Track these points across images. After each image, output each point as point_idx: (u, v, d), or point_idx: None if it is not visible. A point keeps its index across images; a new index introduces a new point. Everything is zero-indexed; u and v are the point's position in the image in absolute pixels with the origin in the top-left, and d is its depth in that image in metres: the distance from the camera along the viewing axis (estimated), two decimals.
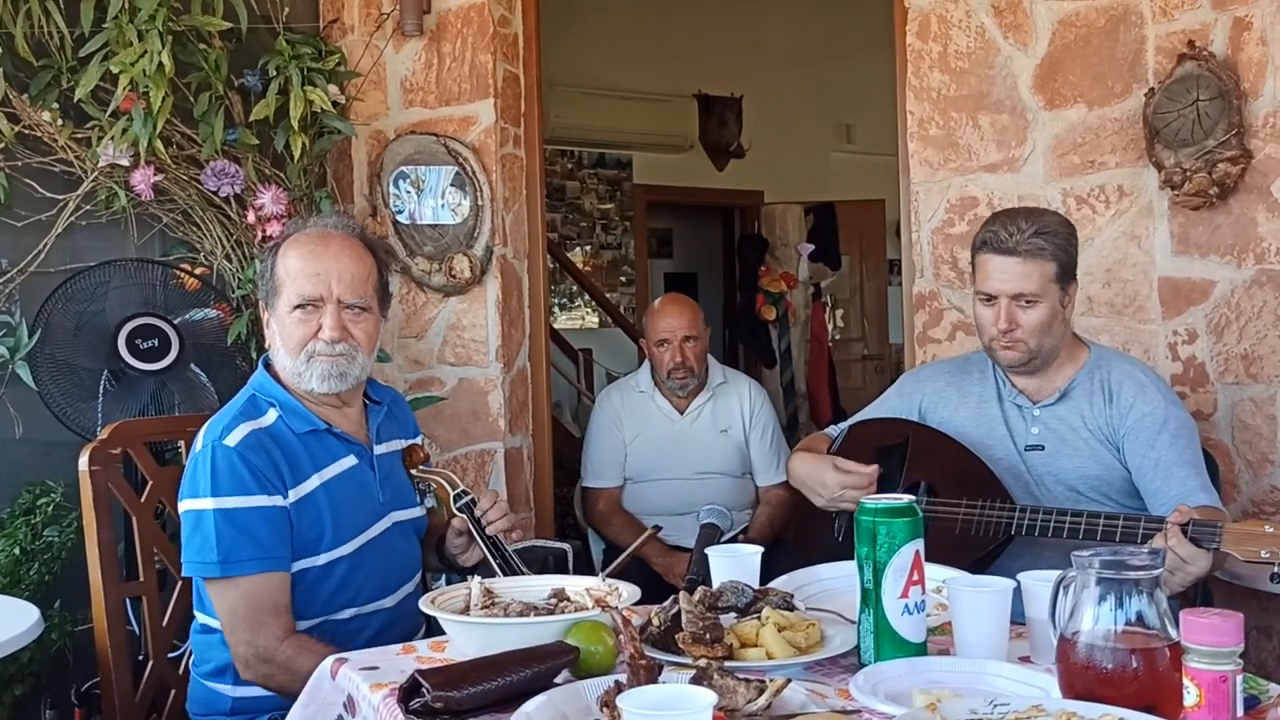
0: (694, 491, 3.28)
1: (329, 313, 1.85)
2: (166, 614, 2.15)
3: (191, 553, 1.79)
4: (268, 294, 1.91)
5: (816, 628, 1.43)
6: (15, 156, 2.77)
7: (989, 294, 2.08)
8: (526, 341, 3.45)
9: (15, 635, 1.84)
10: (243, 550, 1.75)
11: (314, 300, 1.85)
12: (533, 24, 3.42)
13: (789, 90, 7.25)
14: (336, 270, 1.86)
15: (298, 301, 1.85)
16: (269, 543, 1.77)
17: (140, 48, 2.68)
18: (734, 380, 3.47)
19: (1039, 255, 2.04)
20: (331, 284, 1.85)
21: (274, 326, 1.91)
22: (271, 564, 1.77)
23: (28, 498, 2.80)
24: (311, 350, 1.85)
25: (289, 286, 1.86)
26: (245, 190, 2.94)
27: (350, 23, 3.24)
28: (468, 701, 1.22)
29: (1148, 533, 1.86)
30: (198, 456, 1.82)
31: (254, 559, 1.75)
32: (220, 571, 1.75)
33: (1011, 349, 2.09)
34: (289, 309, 1.86)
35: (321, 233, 1.91)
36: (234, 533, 1.75)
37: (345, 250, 1.89)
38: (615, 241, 7.64)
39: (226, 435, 1.81)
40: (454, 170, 3.23)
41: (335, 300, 1.86)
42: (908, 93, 2.93)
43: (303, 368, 1.86)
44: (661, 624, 1.39)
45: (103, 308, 2.73)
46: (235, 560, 1.75)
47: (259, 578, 1.76)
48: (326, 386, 1.87)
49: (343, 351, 1.86)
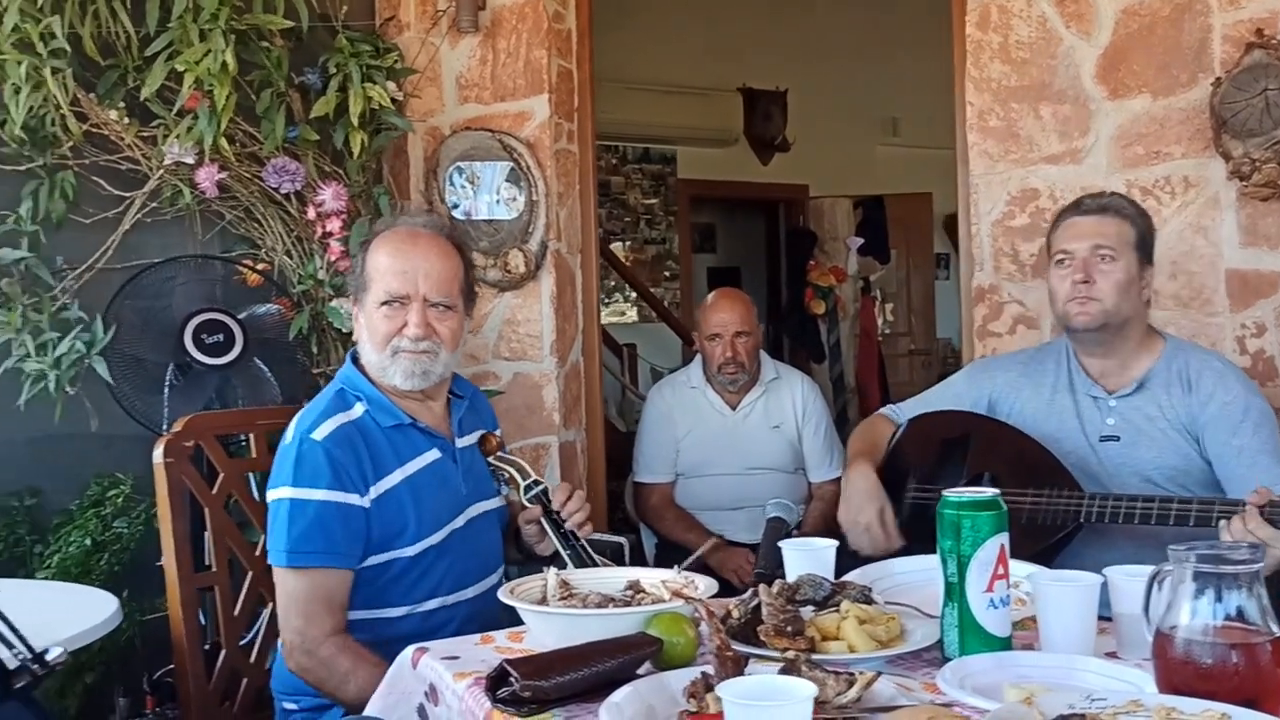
0: (746, 487, 3.28)
1: (414, 310, 1.88)
2: (238, 604, 2.19)
3: (270, 541, 1.83)
4: (357, 289, 1.95)
5: (897, 621, 1.43)
6: (83, 155, 2.80)
7: (1065, 250, 2.09)
8: (579, 336, 3.46)
9: (97, 624, 1.88)
10: (312, 543, 1.79)
11: (400, 297, 1.89)
12: (586, 19, 3.43)
13: (834, 84, 7.21)
14: (424, 268, 1.89)
15: (385, 298, 1.89)
16: (339, 539, 1.81)
17: (204, 47, 2.71)
18: (786, 375, 3.46)
19: (1119, 213, 2.10)
20: (418, 282, 1.89)
21: (362, 321, 1.95)
22: (337, 560, 1.81)
23: (96, 490, 2.85)
24: (396, 346, 1.89)
25: (377, 283, 1.90)
26: (305, 187, 2.97)
27: (406, 20, 3.27)
28: (554, 691, 1.23)
29: (1223, 515, 1.83)
30: (286, 448, 1.87)
31: (321, 553, 1.79)
32: (286, 561, 1.80)
33: (1086, 307, 2.07)
34: (376, 305, 1.90)
35: (411, 231, 1.95)
36: (306, 525, 1.79)
37: (433, 249, 1.93)
38: (659, 236, 7.65)
39: (315, 429, 1.85)
40: (509, 166, 3.25)
41: (421, 298, 1.89)
42: (967, 84, 2.91)
43: (387, 363, 1.89)
44: (741, 616, 1.40)
45: (169, 303, 2.77)
46: (302, 551, 1.79)
47: (321, 572, 1.80)
48: (410, 384, 1.90)
49: (426, 348, 1.89)
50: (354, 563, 1.84)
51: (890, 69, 6.96)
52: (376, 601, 1.90)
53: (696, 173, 7.60)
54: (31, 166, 2.76)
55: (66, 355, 2.60)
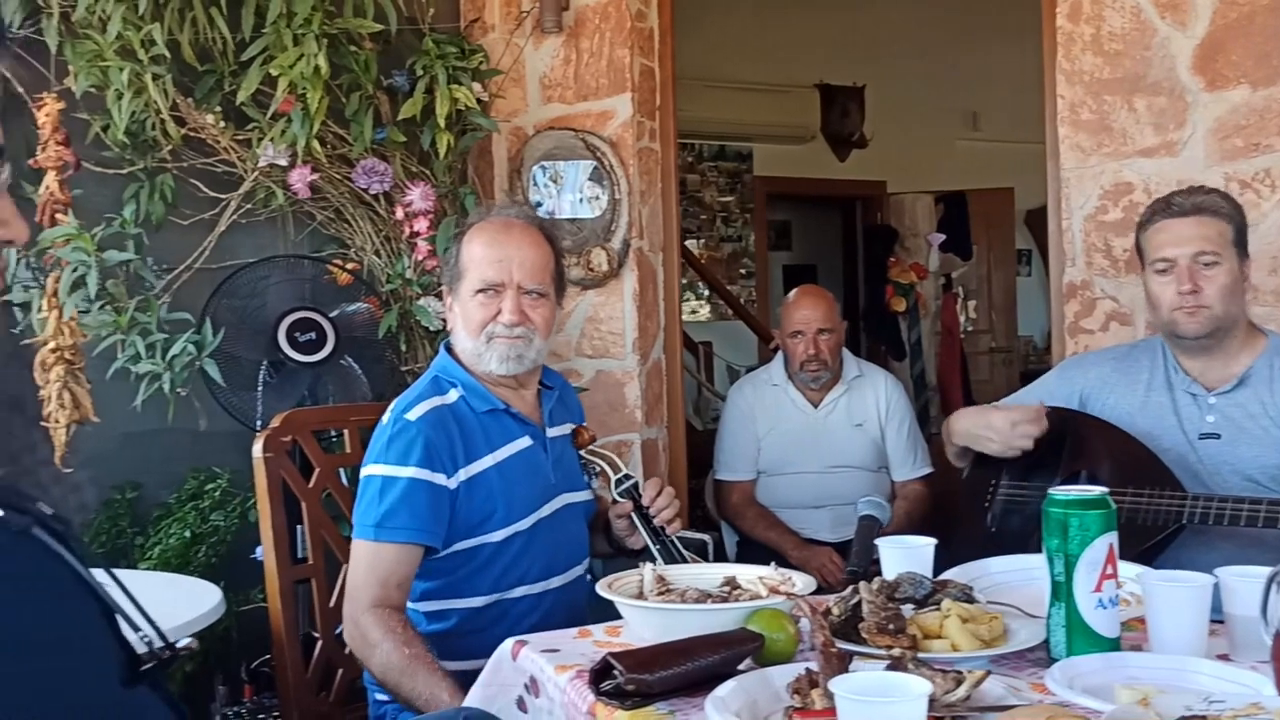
0: (828, 485, 3.26)
1: (509, 297, 1.92)
2: (333, 596, 2.24)
3: (358, 513, 1.88)
4: (452, 279, 1.99)
5: (1000, 621, 1.41)
6: (181, 158, 2.89)
7: (1166, 259, 2.03)
8: (661, 334, 3.47)
9: (203, 614, 1.93)
10: (398, 519, 1.82)
11: (495, 285, 1.93)
12: (668, 17, 3.44)
13: (913, 78, 7.13)
14: (518, 257, 1.94)
15: (480, 286, 1.93)
16: (424, 516, 1.84)
17: (297, 51, 2.77)
18: (869, 373, 3.43)
19: (1215, 213, 2.03)
20: (512, 270, 1.93)
21: (456, 310, 1.99)
22: (417, 536, 1.84)
23: (193, 484, 2.93)
24: (491, 332, 1.93)
25: (472, 271, 1.94)
26: (393, 187, 3.02)
27: (491, 21, 3.30)
28: (658, 685, 1.24)
29: None
30: (383, 427, 1.92)
31: (405, 528, 1.83)
32: (373, 534, 1.83)
33: (1195, 316, 2.02)
34: (471, 293, 1.94)
35: (505, 221, 1.99)
36: (395, 500, 1.83)
37: (526, 238, 1.97)
38: (735, 234, 7.63)
39: (410, 410, 1.89)
40: (592, 164, 3.27)
41: (515, 285, 1.93)
42: (1058, 76, 2.86)
43: (483, 349, 1.93)
44: (842, 614, 1.39)
45: (263, 303, 2.84)
46: (389, 526, 1.83)
47: (394, 546, 1.83)
48: (505, 368, 1.94)
49: (521, 334, 1.93)
50: (435, 540, 1.87)
51: (970, 62, 6.86)
52: (463, 590, 1.93)
53: (773, 170, 7.57)
54: (133, 170, 2.85)
55: (179, 357, 2.67)
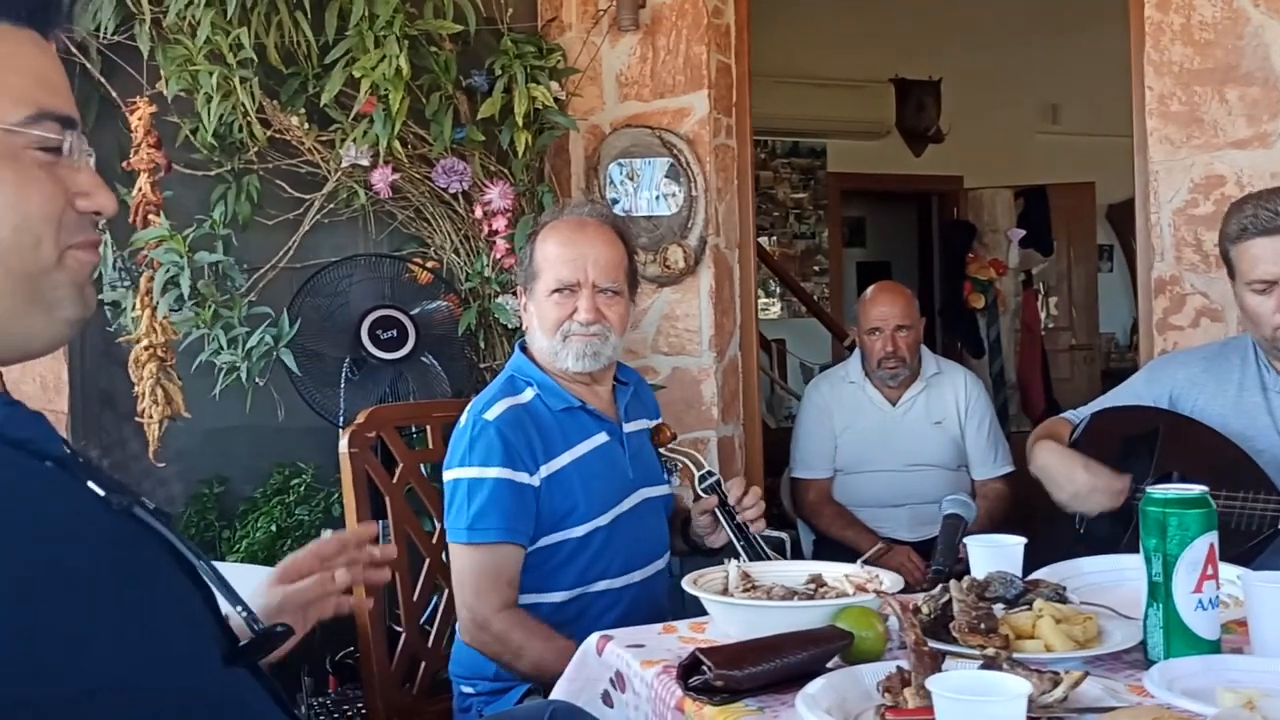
0: (906, 484, 3.23)
1: (584, 296, 1.94)
2: (416, 589, 2.27)
3: (449, 518, 1.90)
4: (527, 279, 2.02)
5: (1094, 621, 1.38)
6: (267, 159, 2.94)
7: (1264, 281, 1.97)
8: (737, 331, 3.46)
9: None
10: (489, 519, 1.85)
11: (570, 284, 1.95)
12: (744, 13, 3.42)
13: (990, 71, 7.02)
14: (592, 256, 1.95)
15: (555, 285, 1.95)
16: (513, 515, 1.86)
17: (379, 53, 2.81)
18: (948, 371, 3.38)
19: None
20: (587, 268, 1.95)
21: (531, 309, 2.01)
22: (511, 536, 1.86)
23: (278, 478, 2.99)
24: (567, 330, 1.95)
25: (547, 271, 1.96)
26: (472, 186, 3.05)
27: (568, 20, 3.32)
28: (747, 681, 1.24)
29: None
30: (461, 430, 1.95)
31: (497, 529, 1.85)
32: (466, 537, 1.86)
33: None
34: (547, 292, 1.96)
35: (578, 220, 2.01)
36: (483, 502, 1.85)
37: (600, 237, 1.98)
38: (808, 231, 7.58)
39: (487, 410, 1.92)
40: (668, 162, 3.27)
41: (590, 284, 1.95)
42: (1146, 67, 2.79)
43: (559, 347, 1.95)
44: (931, 612, 1.38)
45: (346, 301, 2.88)
46: (480, 528, 1.85)
47: (495, 547, 1.86)
48: (581, 365, 1.96)
49: (596, 332, 1.95)
50: (526, 539, 1.90)
51: (1050, 54, 6.73)
52: (545, 585, 1.95)
53: (847, 166, 7.50)
54: (220, 171, 2.91)
55: (256, 348, 2.73)
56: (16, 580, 0.74)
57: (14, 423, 0.84)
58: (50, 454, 0.85)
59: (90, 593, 0.80)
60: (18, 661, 0.72)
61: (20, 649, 0.73)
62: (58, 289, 0.90)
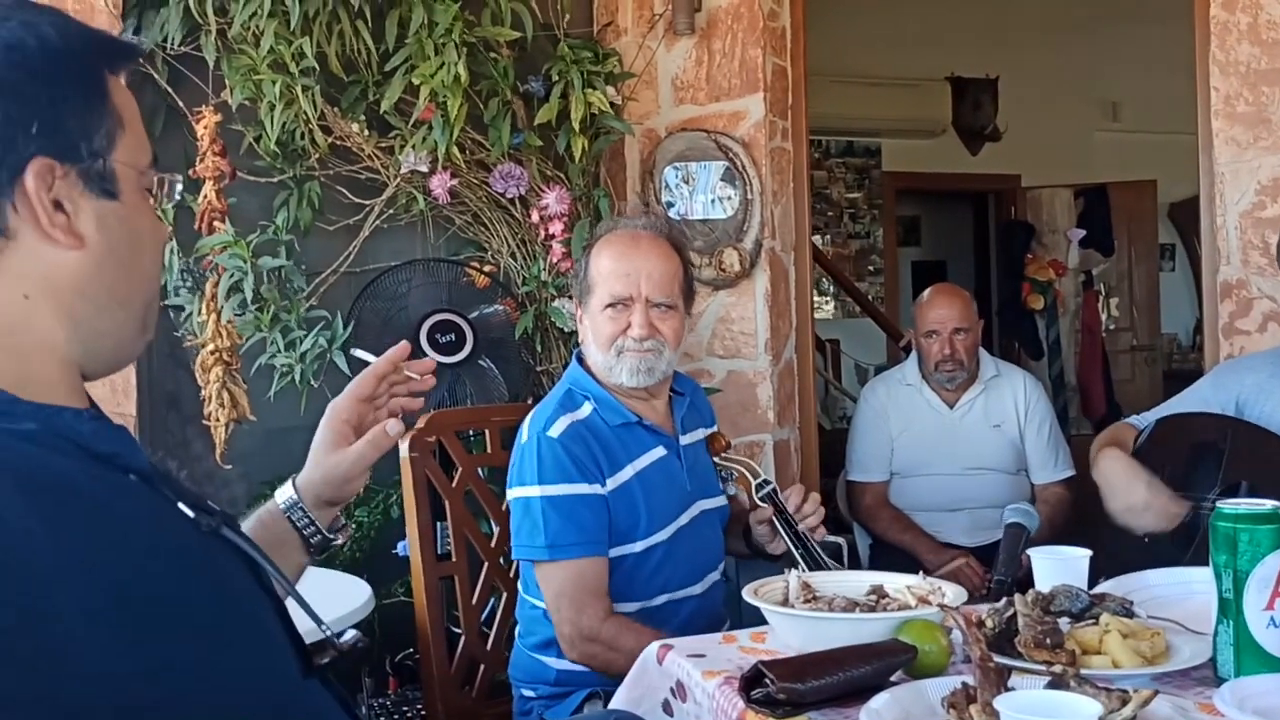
0: (964, 488, 3.19)
1: (638, 311, 1.94)
2: (475, 593, 2.29)
3: (522, 538, 1.90)
4: (582, 293, 2.02)
5: (1161, 637, 1.36)
6: (328, 166, 2.98)
7: None
8: (793, 334, 3.45)
9: (354, 609, 2.00)
10: (568, 535, 1.85)
11: (624, 299, 1.95)
12: (800, 15, 3.41)
13: (1049, 68, 6.92)
14: (645, 270, 1.95)
15: (609, 300, 1.95)
16: (592, 528, 1.87)
17: (438, 60, 2.84)
18: (1007, 373, 3.34)
19: None
20: (641, 283, 1.94)
21: (587, 323, 2.01)
22: (594, 548, 1.87)
23: None
24: (621, 345, 1.95)
25: (601, 286, 1.96)
26: (529, 191, 3.07)
27: (624, 25, 3.33)
28: (810, 694, 1.23)
29: None
30: (525, 447, 1.94)
31: (578, 544, 1.85)
32: (548, 555, 1.86)
33: None
34: (601, 307, 1.96)
35: (632, 234, 2.01)
36: (560, 519, 1.85)
37: (654, 251, 1.98)
38: (863, 230, 7.53)
39: (549, 427, 1.92)
40: (724, 165, 3.27)
41: (644, 299, 1.94)
42: (1212, 67, 2.75)
43: (613, 362, 1.95)
44: (995, 626, 1.37)
45: (405, 304, 2.92)
46: (562, 545, 1.85)
47: (582, 561, 1.86)
48: (635, 380, 1.96)
49: (650, 347, 1.94)
50: (606, 549, 1.90)
51: (1110, 50, 6.62)
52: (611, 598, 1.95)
53: (902, 165, 7.44)
54: (282, 178, 2.96)
55: (310, 350, 2.77)
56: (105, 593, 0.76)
57: (101, 437, 0.86)
58: (135, 468, 0.88)
59: (175, 608, 0.82)
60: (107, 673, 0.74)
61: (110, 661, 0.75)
62: (153, 316, 0.98)
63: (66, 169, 0.86)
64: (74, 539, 0.76)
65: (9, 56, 0.84)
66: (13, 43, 0.84)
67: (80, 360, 0.91)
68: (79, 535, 0.76)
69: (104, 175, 0.89)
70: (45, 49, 0.85)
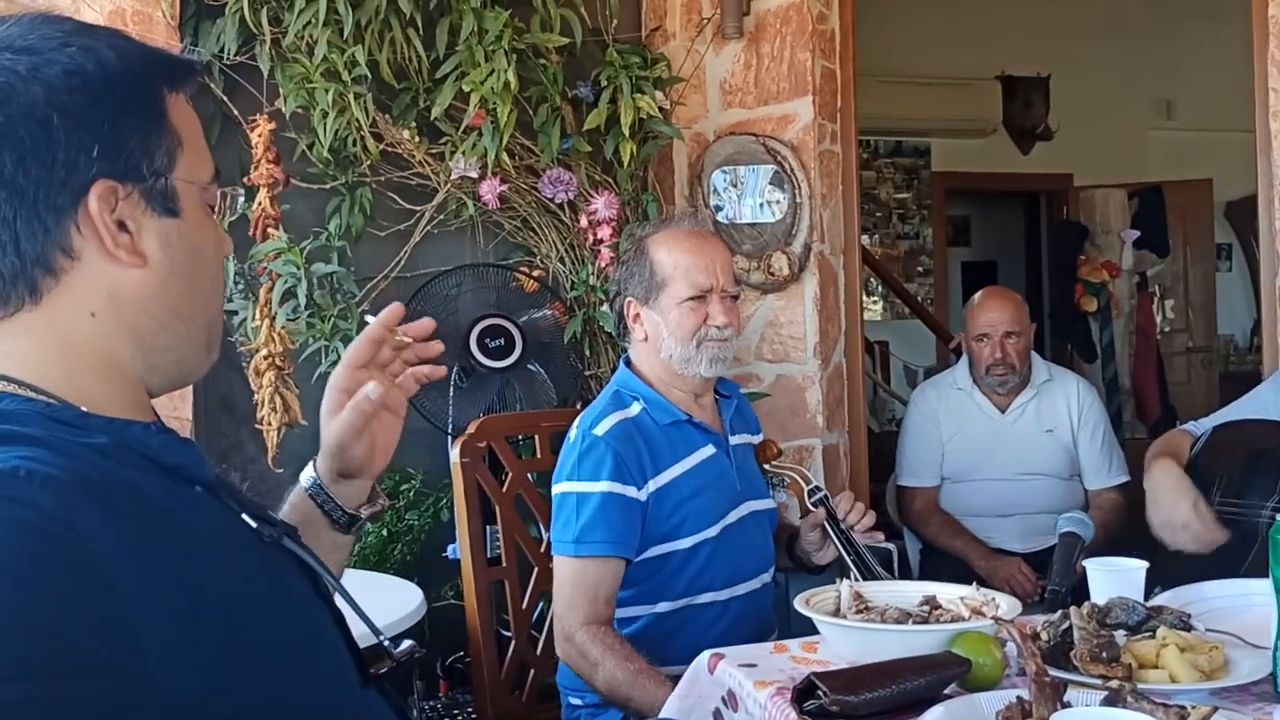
0: (1016, 493, 3.16)
1: (716, 301, 1.98)
2: (525, 597, 2.31)
3: (556, 531, 1.93)
4: (648, 291, 2.01)
5: (1220, 650, 1.34)
6: (379, 172, 3.02)
7: None
8: (842, 337, 3.44)
9: (406, 614, 2.03)
10: (596, 533, 1.87)
11: (706, 290, 1.97)
12: (849, 18, 3.40)
13: (1102, 66, 6.83)
14: (719, 260, 2.00)
15: (692, 293, 1.97)
16: (620, 529, 1.88)
17: (488, 67, 2.86)
18: (1060, 377, 3.30)
19: None
20: (717, 273, 1.98)
21: (656, 320, 2.01)
22: (616, 549, 1.89)
23: (389, 483, 3.06)
24: (703, 336, 1.97)
25: (679, 280, 1.98)
26: (578, 196, 3.09)
27: (672, 29, 3.33)
28: (863, 707, 1.23)
29: None
30: (571, 445, 1.97)
31: (603, 542, 1.87)
32: (573, 550, 1.88)
33: None
34: (679, 300, 1.98)
35: (694, 230, 2.06)
36: (591, 515, 1.88)
37: (718, 242, 2.07)
38: (912, 231, 7.48)
39: (597, 425, 1.95)
40: (772, 169, 3.26)
41: (720, 289, 1.98)
42: (1270, 69, 2.70)
43: (693, 354, 1.98)
44: (1050, 639, 1.35)
45: (455, 309, 2.94)
46: (587, 541, 1.88)
47: (593, 561, 1.88)
48: (713, 370, 2.00)
49: (728, 336, 1.98)
50: (631, 553, 1.92)
51: (1165, 47, 6.53)
52: (651, 596, 1.96)
53: (952, 165, 7.37)
54: (335, 185, 2.99)
55: None
56: (177, 603, 0.78)
57: (169, 450, 0.89)
58: (201, 480, 0.90)
59: (244, 618, 0.83)
60: (180, 684, 0.76)
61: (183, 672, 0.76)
62: (217, 334, 0.99)
63: (129, 189, 0.88)
64: (146, 550, 0.77)
65: (69, 82, 0.85)
66: (72, 68, 0.86)
67: (145, 376, 0.93)
68: (150, 546, 0.78)
69: (166, 194, 0.90)
70: (104, 72, 0.87)
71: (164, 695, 0.74)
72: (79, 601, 0.72)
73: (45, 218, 0.85)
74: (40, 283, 0.86)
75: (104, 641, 0.72)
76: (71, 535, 0.73)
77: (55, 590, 0.71)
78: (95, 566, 0.73)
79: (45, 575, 0.71)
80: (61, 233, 0.86)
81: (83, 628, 0.71)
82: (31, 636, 0.69)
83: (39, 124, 0.84)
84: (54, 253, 0.86)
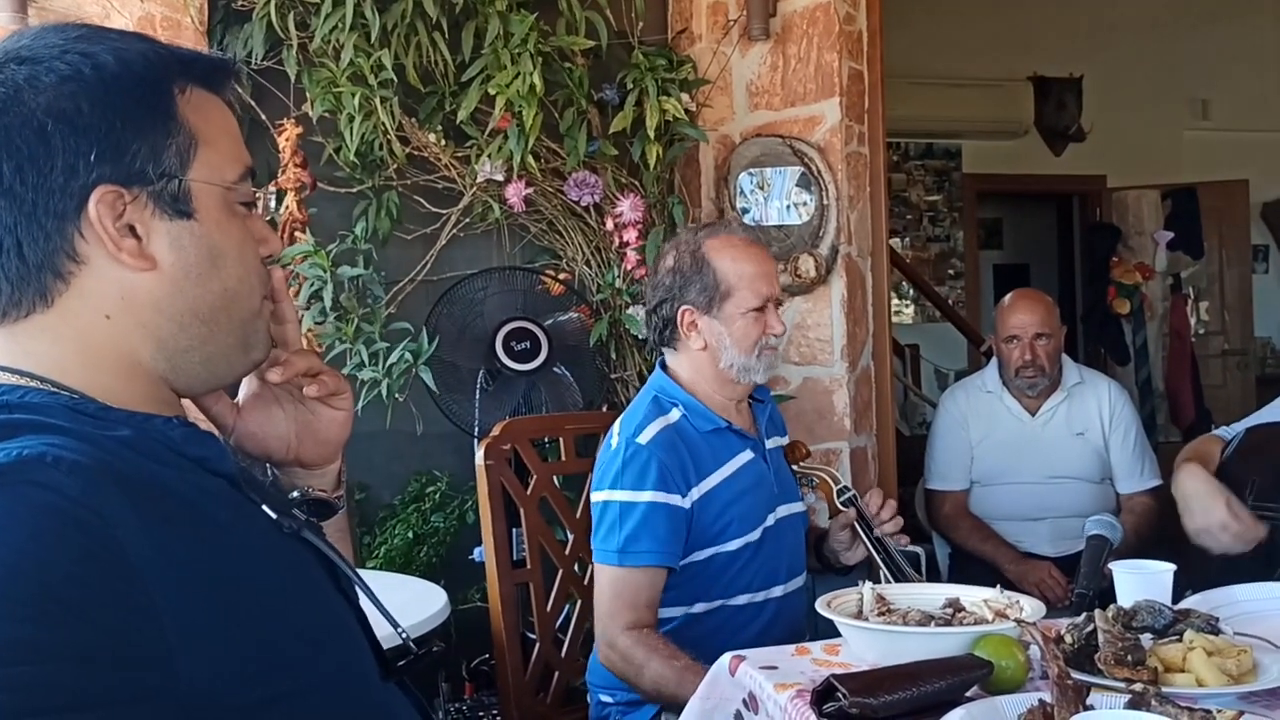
0: (1047, 497, 3.13)
1: (772, 309, 2.00)
2: (549, 600, 2.31)
3: (599, 540, 1.92)
4: (710, 299, 1.99)
5: (1248, 654, 1.32)
6: (405, 176, 3.03)
7: None
8: (870, 340, 3.42)
9: (430, 615, 2.03)
10: (641, 543, 1.87)
11: (770, 299, 1.99)
12: (877, 19, 3.38)
13: (1135, 66, 6.75)
14: (773, 269, 2.03)
15: (757, 303, 1.98)
16: (665, 539, 1.88)
17: (514, 70, 2.87)
18: (1091, 380, 3.27)
19: None
20: (774, 282, 2.02)
21: (715, 329, 1.99)
22: (662, 558, 1.88)
23: (415, 486, 3.07)
24: (764, 344, 1.99)
25: (744, 289, 1.98)
26: (604, 199, 3.09)
27: (698, 31, 3.32)
28: (883, 710, 1.22)
29: None
30: (614, 453, 1.96)
31: (650, 552, 1.87)
32: (618, 560, 1.88)
33: None
34: (743, 311, 1.98)
35: (746, 237, 2.06)
36: (636, 525, 1.87)
37: (768, 250, 2.08)
38: (943, 234, 7.43)
39: (640, 433, 1.94)
40: (799, 171, 3.25)
41: (775, 297, 2.01)
42: None
43: (753, 362, 1.99)
44: (1075, 642, 1.34)
45: (481, 312, 2.95)
46: (633, 551, 1.88)
47: (640, 570, 1.88)
48: (765, 377, 2.04)
49: (779, 344, 2.03)
50: (675, 561, 1.92)
51: (1199, 46, 6.45)
52: (688, 597, 1.97)
53: (983, 167, 7.33)
54: (361, 188, 3.01)
55: (396, 365, 2.81)
56: (202, 592, 0.78)
57: (191, 442, 0.89)
58: (223, 472, 0.90)
59: (269, 608, 0.84)
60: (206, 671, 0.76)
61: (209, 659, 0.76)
62: (258, 333, 0.97)
63: (135, 193, 0.87)
64: (170, 538, 0.78)
65: (63, 89, 0.85)
66: (68, 74, 0.85)
67: (169, 376, 0.93)
68: (174, 535, 0.78)
69: (177, 196, 0.89)
70: (101, 76, 0.86)
71: (186, 682, 0.74)
72: (102, 586, 0.72)
73: (46, 224, 0.85)
74: (50, 287, 0.86)
75: (127, 626, 0.72)
76: (97, 521, 0.74)
77: (79, 574, 0.71)
78: (120, 552, 0.74)
79: (70, 559, 0.71)
80: (64, 238, 0.85)
81: (106, 612, 0.72)
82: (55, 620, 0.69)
83: (35, 132, 0.83)
84: (59, 258, 0.86)
